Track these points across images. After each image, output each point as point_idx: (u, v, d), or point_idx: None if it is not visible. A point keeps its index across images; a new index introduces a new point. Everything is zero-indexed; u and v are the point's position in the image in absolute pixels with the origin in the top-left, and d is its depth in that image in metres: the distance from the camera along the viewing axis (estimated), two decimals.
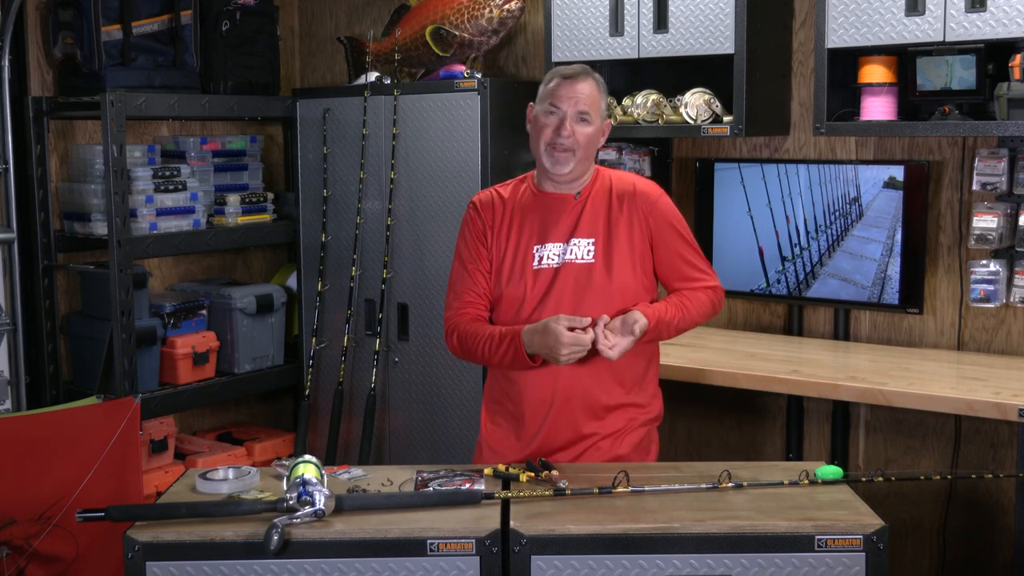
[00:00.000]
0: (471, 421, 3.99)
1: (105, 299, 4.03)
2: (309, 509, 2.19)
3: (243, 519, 2.23)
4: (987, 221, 3.39)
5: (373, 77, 4.37)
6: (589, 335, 2.55)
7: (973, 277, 3.46)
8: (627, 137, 3.91)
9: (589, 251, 2.67)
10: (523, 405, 2.71)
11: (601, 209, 2.70)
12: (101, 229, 4.12)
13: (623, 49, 3.81)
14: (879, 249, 3.64)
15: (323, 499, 2.20)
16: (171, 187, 4.26)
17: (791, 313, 3.96)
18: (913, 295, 3.61)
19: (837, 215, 3.73)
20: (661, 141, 4.10)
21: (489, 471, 2.51)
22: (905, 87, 3.38)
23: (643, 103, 3.81)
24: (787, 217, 3.82)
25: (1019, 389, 3.08)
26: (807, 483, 2.42)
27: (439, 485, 2.41)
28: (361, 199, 4.35)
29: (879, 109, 3.44)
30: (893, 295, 3.62)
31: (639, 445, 2.75)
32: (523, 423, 2.71)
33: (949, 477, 3.62)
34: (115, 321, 3.96)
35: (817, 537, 2.17)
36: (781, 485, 2.42)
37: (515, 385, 2.72)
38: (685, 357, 3.48)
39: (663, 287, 2.77)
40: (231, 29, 4.42)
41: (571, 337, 2.52)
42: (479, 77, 4.06)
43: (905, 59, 3.36)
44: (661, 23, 3.71)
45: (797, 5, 3.87)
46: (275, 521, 2.15)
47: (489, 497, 2.33)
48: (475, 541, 2.17)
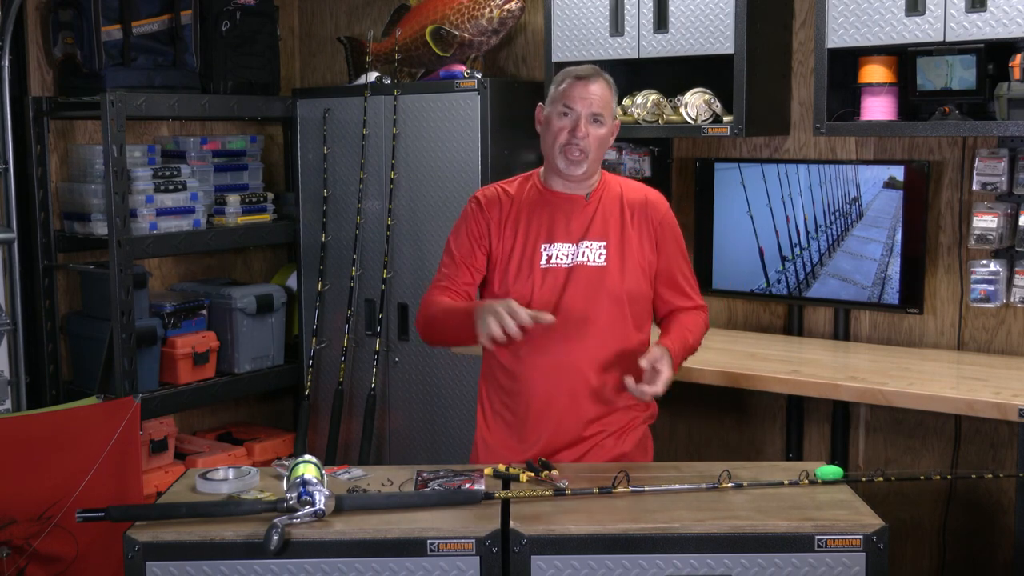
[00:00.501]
0: (471, 421, 3.98)
1: (105, 299, 4.03)
2: (309, 509, 2.19)
3: (243, 519, 2.23)
4: (987, 221, 3.39)
5: (373, 77, 4.37)
6: (547, 318, 2.50)
7: (973, 277, 3.46)
8: (627, 137, 3.91)
9: (601, 254, 2.68)
10: (526, 405, 2.70)
11: (613, 214, 2.71)
12: (101, 229, 4.12)
13: (623, 49, 3.81)
14: (879, 249, 3.64)
15: (323, 499, 2.20)
16: (171, 187, 4.26)
17: (791, 313, 3.96)
18: (913, 295, 3.61)
19: (837, 215, 3.73)
20: (661, 141, 4.10)
21: (489, 471, 2.51)
22: (905, 87, 3.38)
23: (643, 103, 3.81)
24: (787, 217, 3.82)
25: (1019, 389, 3.08)
26: (807, 483, 2.42)
27: (439, 485, 2.41)
28: (361, 199, 4.35)
29: (879, 109, 3.44)
30: (893, 295, 3.62)
31: (641, 442, 2.76)
32: (527, 423, 2.70)
33: (949, 477, 3.62)
34: (115, 321, 3.96)
35: (817, 537, 2.17)
36: (781, 485, 2.42)
37: (518, 383, 2.71)
38: None
39: (656, 300, 2.78)
40: (231, 29, 4.42)
41: (505, 306, 2.45)
42: (479, 77, 4.06)
43: (905, 59, 3.35)
44: (661, 23, 3.72)
45: (797, 5, 3.87)
46: (275, 521, 2.15)
47: (489, 497, 2.33)
48: (475, 541, 2.17)
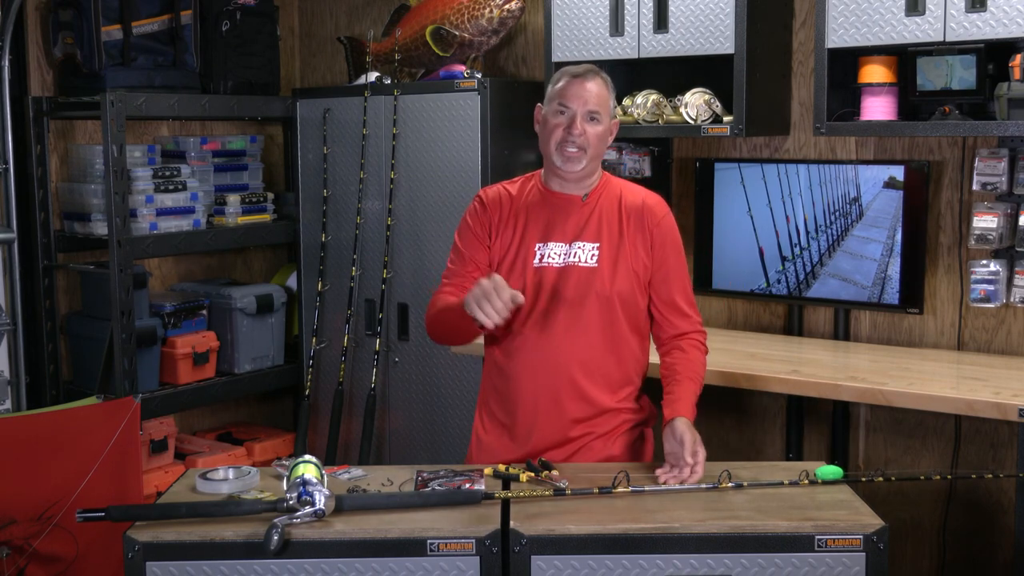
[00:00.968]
0: (471, 421, 3.98)
1: (105, 299, 4.03)
2: (309, 509, 2.19)
3: (243, 519, 2.23)
4: (987, 221, 3.39)
5: (373, 77, 4.37)
6: (520, 298, 2.47)
7: (973, 277, 3.46)
8: (627, 137, 3.91)
9: (593, 255, 2.68)
10: (514, 403, 2.71)
11: (609, 217, 2.71)
12: (101, 229, 4.12)
13: (623, 49, 3.81)
14: (879, 249, 3.64)
15: (323, 499, 2.20)
16: (171, 187, 4.26)
17: (791, 313, 3.96)
18: (913, 295, 3.60)
19: (837, 215, 3.73)
20: (661, 141, 4.10)
21: (489, 471, 2.51)
22: (905, 87, 3.38)
23: (643, 103, 3.81)
24: (787, 217, 3.82)
25: (1019, 389, 3.08)
26: (807, 483, 2.42)
27: (439, 485, 2.41)
28: (361, 199, 4.35)
29: (879, 109, 3.44)
30: (893, 295, 3.62)
31: (632, 446, 2.76)
32: (516, 422, 2.71)
33: (949, 477, 3.62)
34: (115, 321, 3.96)
35: (817, 537, 2.17)
36: (781, 485, 2.42)
37: (509, 381, 2.72)
38: None
39: (651, 308, 2.75)
40: (231, 29, 4.42)
41: (497, 284, 2.43)
42: (479, 77, 4.06)
43: (905, 59, 3.35)
44: (661, 23, 3.72)
45: (797, 5, 3.87)
46: (275, 521, 2.15)
47: (489, 497, 2.33)
48: (475, 541, 2.17)
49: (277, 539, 2.11)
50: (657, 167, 4.10)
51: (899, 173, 3.60)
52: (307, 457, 2.31)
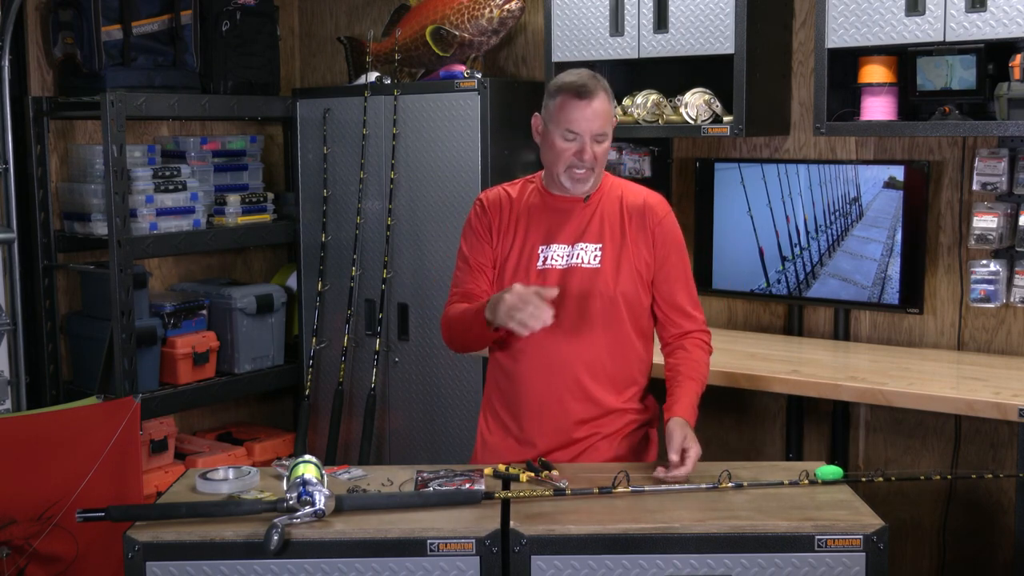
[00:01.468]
0: (471, 421, 3.99)
1: (105, 299, 4.03)
2: (309, 509, 2.19)
3: (243, 519, 2.23)
4: (987, 221, 3.39)
5: (373, 77, 4.37)
6: (550, 291, 2.49)
7: (973, 277, 3.46)
8: (627, 137, 3.91)
9: (596, 256, 2.68)
10: (519, 405, 2.71)
11: (611, 217, 2.70)
12: (101, 229, 4.12)
13: (623, 49, 3.81)
14: (879, 249, 3.64)
15: (323, 499, 2.20)
16: (171, 187, 4.26)
17: (791, 313, 3.96)
18: (913, 295, 3.60)
19: (837, 215, 3.73)
20: (661, 141, 4.10)
21: (489, 471, 2.51)
22: (905, 87, 3.38)
23: (643, 103, 3.81)
24: (787, 217, 3.82)
25: (1019, 389, 3.08)
26: (807, 483, 2.42)
27: (439, 485, 2.41)
28: (361, 199, 4.35)
29: (879, 109, 3.44)
30: (893, 295, 3.62)
31: (637, 447, 2.76)
32: (521, 423, 2.71)
33: (949, 477, 3.62)
34: (115, 321, 3.96)
35: (817, 537, 2.17)
36: (781, 485, 2.42)
37: (513, 383, 2.72)
38: None
39: (654, 308, 2.75)
40: (231, 29, 4.42)
41: (519, 293, 2.44)
42: (479, 77, 4.06)
43: (905, 59, 3.35)
44: (661, 23, 3.72)
45: (797, 5, 3.87)
46: (275, 521, 2.15)
47: (489, 497, 2.33)
48: (475, 541, 2.17)
49: (277, 539, 2.11)
50: (657, 167, 4.10)
51: (899, 173, 3.60)
52: (307, 457, 2.31)
